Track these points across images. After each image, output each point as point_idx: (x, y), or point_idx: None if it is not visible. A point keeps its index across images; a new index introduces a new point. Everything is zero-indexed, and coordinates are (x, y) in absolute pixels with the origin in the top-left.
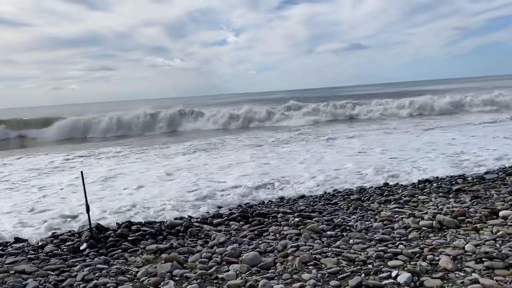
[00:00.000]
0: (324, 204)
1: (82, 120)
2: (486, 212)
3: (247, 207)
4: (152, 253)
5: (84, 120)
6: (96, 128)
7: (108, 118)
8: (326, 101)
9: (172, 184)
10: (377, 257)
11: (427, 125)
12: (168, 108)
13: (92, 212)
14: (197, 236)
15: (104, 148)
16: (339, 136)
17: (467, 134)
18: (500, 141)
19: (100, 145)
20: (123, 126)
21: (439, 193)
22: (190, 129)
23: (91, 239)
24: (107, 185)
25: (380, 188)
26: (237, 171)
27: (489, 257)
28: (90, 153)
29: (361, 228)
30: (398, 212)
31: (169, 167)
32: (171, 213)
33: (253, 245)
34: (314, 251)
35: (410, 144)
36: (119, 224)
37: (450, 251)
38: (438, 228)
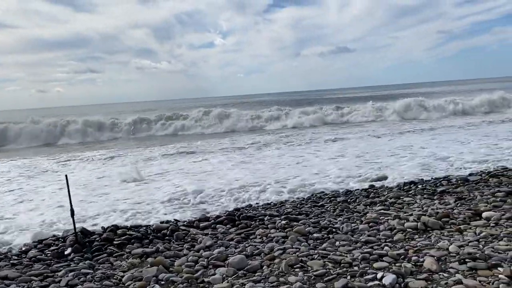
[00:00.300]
0: (311, 207)
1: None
2: (469, 214)
3: (234, 210)
4: (138, 257)
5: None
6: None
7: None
8: (312, 104)
9: (161, 187)
10: (363, 259)
11: (403, 128)
12: (153, 110)
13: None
14: (184, 239)
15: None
16: (319, 140)
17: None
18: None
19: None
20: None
21: (424, 195)
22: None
23: (76, 244)
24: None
25: (366, 190)
26: (218, 175)
27: (472, 258)
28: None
29: (347, 230)
30: (383, 214)
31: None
32: (158, 217)
33: (240, 248)
34: (301, 254)
35: (384, 147)
36: (105, 228)
37: (435, 252)
38: (423, 230)
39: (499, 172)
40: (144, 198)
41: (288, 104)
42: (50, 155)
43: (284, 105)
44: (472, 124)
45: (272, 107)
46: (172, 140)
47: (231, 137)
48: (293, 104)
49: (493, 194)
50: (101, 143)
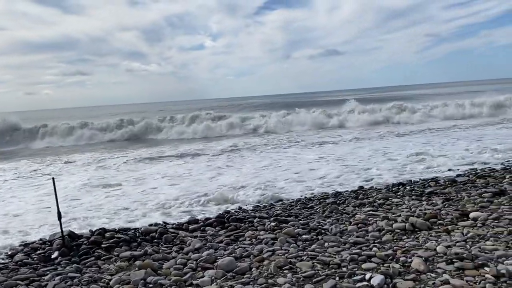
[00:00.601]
0: (300, 208)
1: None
2: (457, 214)
3: (224, 212)
4: (126, 260)
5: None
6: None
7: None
8: (299, 107)
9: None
10: (351, 260)
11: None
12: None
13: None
14: (172, 242)
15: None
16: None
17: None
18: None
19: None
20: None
21: (412, 196)
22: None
23: (63, 247)
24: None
25: (355, 191)
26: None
27: (459, 258)
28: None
29: (336, 232)
30: (372, 215)
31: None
32: (145, 220)
33: (229, 250)
34: (290, 255)
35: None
36: (93, 231)
37: (422, 252)
38: (411, 230)
39: (486, 173)
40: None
41: (277, 107)
42: (30, 159)
43: (272, 108)
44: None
45: (258, 111)
46: (132, 145)
47: (202, 143)
48: (281, 107)
49: (480, 195)
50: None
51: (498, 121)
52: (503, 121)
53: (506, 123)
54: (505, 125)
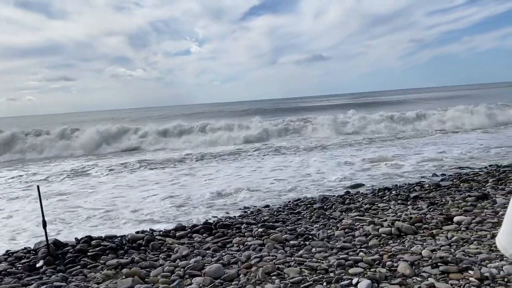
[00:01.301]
0: (287, 214)
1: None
2: (441, 218)
3: (211, 218)
4: (113, 268)
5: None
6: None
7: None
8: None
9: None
10: (339, 265)
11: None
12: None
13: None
14: (160, 249)
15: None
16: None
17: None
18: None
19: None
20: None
21: (398, 201)
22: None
23: (49, 256)
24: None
25: (342, 196)
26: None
27: (444, 262)
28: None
29: (323, 237)
30: (359, 220)
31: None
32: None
33: (217, 257)
34: (277, 261)
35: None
36: (78, 239)
37: (408, 257)
38: (397, 235)
39: (470, 177)
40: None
41: (261, 113)
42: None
43: (254, 114)
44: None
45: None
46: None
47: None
48: (264, 113)
49: (464, 199)
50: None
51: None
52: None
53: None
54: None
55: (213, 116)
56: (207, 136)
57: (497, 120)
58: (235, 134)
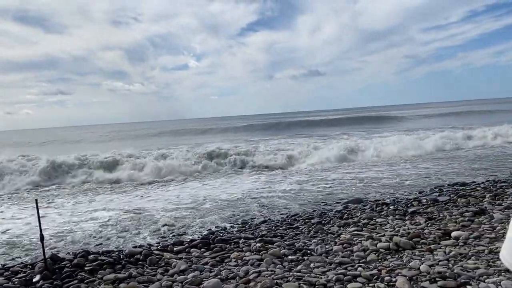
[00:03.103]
0: (285, 229)
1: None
2: (439, 233)
3: (209, 233)
4: (110, 283)
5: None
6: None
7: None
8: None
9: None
10: (337, 280)
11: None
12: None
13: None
14: (157, 264)
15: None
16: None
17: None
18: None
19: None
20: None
21: (395, 216)
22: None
23: (45, 270)
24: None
25: (340, 211)
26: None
27: (442, 277)
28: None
29: (321, 252)
30: (357, 234)
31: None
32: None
33: (215, 272)
34: (276, 276)
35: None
36: (75, 254)
37: (406, 272)
38: (395, 250)
39: (467, 193)
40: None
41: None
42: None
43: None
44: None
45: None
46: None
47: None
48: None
49: (461, 214)
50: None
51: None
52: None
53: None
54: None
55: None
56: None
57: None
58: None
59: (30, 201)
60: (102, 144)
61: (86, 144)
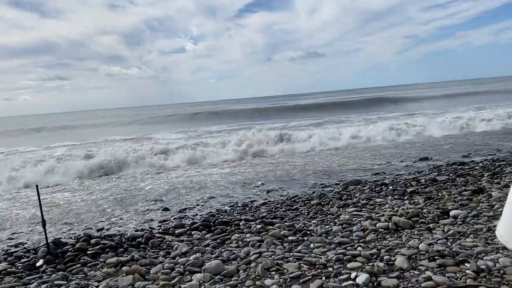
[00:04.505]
0: (285, 210)
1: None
2: (438, 212)
3: (210, 216)
4: (113, 266)
5: None
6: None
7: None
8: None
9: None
10: (337, 260)
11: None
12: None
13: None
14: (159, 247)
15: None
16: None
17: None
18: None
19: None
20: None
21: (394, 196)
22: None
23: (48, 255)
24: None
25: (339, 192)
26: None
27: (441, 255)
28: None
29: (321, 232)
30: (356, 215)
31: None
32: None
33: (216, 253)
34: (276, 257)
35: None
36: (78, 238)
37: (406, 251)
38: (394, 229)
39: (466, 172)
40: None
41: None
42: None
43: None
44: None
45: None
46: None
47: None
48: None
49: (460, 193)
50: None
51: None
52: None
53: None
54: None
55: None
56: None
57: None
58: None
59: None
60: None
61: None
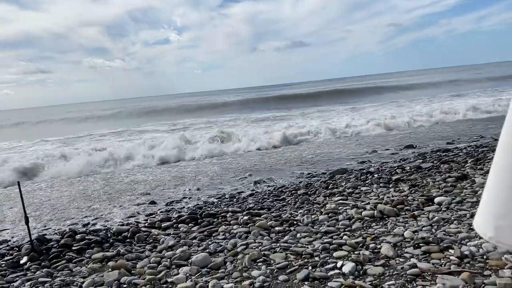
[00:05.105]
0: (272, 201)
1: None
2: (423, 200)
3: (197, 208)
4: (99, 261)
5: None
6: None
7: None
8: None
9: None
10: (323, 249)
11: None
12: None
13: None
14: (145, 241)
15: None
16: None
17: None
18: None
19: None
20: None
21: (380, 184)
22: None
23: (32, 252)
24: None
25: (325, 181)
26: None
27: (425, 242)
28: None
29: (307, 222)
30: (342, 204)
31: None
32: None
33: (203, 246)
34: (263, 248)
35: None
36: (63, 234)
37: (391, 238)
38: (379, 217)
39: (450, 159)
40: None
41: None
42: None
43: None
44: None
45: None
46: None
47: None
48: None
49: (444, 180)
50: None
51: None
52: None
53: None
54: None
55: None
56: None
57: None
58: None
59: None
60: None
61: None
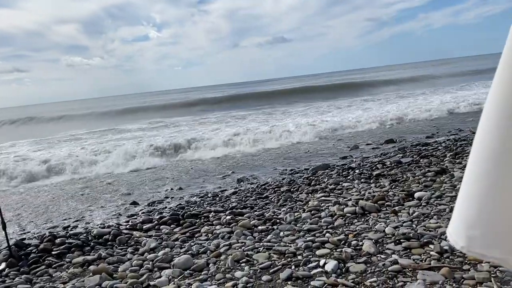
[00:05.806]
0: (255, 199)
1: None
2: (403, 195)
3: (179, 208)
4: (79, 266)
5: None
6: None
7: None
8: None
9: None
10: (306, 247)
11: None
12: None
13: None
14: (127, 243)
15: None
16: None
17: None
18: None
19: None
20: None
21: (361, 179)
22: None
23: (11, 258)
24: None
25: (308, 178)
26: None
27: (406, 238)
28: None
29: (290, 220)
30: (324, 200)
31: None
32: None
33: (185, 247)
34: (246, 248)
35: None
36: (42, 238)
37: (372, 235)
38: (361, 214)
39: (429, 153)
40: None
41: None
42: None
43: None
44: None
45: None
46: None
47: None
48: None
49: (424, 174)
50: None
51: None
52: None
53: None
54: None
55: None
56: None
57: None
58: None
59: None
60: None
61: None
